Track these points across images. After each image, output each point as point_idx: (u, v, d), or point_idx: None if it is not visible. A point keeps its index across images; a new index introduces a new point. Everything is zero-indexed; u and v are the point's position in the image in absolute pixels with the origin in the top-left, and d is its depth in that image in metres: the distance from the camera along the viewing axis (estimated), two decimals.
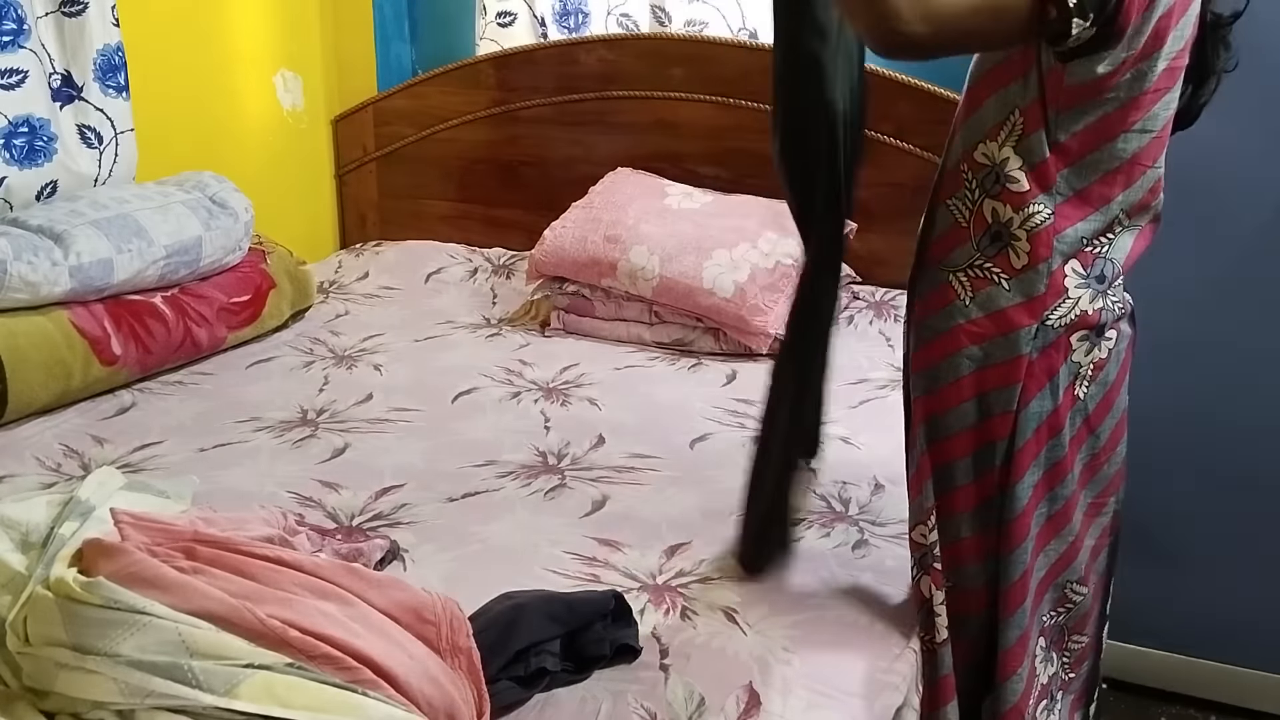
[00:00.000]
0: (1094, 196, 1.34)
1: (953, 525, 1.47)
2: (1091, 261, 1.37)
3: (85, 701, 1.15)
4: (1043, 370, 1.38)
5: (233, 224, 2.51)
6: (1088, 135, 1.31)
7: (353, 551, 1.57)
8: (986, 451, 1.43)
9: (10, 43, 2.30)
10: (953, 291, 1.40)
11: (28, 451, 1.99)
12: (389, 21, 3.25)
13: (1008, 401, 1.39)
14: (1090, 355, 1.41)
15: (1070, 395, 1.41)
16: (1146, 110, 1.31)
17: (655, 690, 1.35)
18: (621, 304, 2.63)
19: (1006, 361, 1.38)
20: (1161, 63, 1.29)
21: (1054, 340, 1.38)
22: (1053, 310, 1.37)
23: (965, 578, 1.49)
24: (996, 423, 1.41)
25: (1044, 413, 1.40)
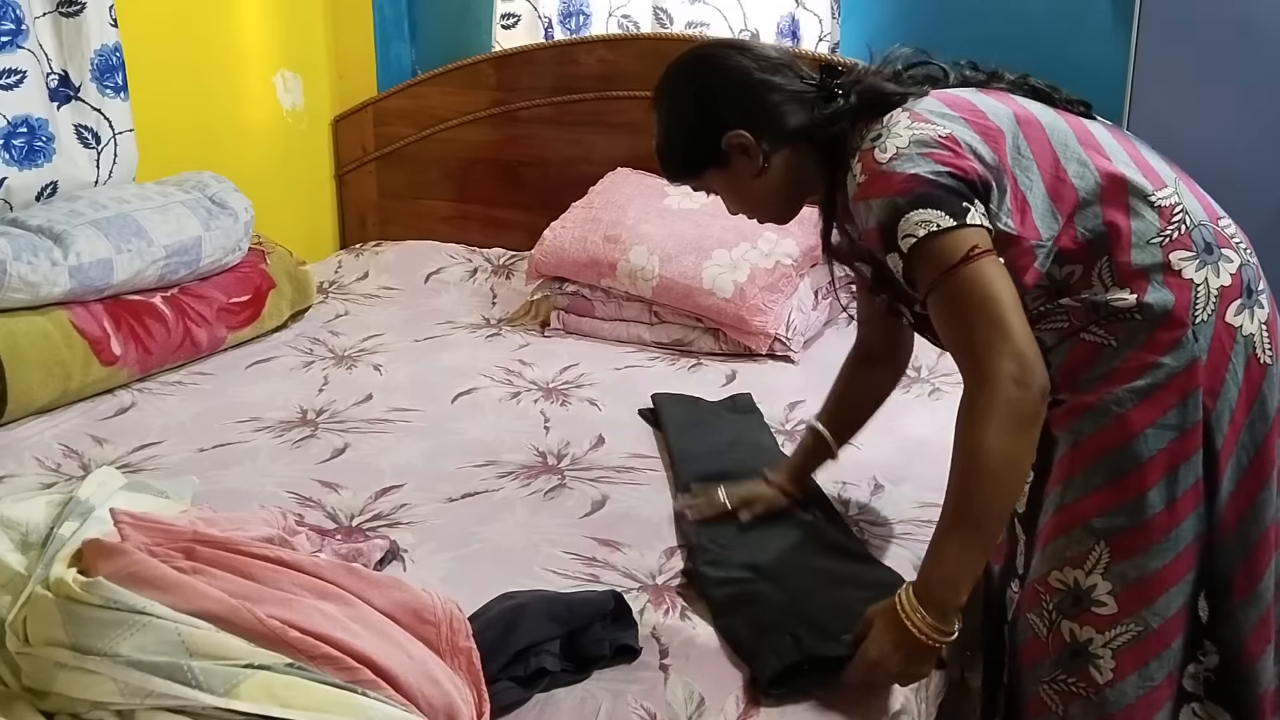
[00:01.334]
0: (1116, 220, 1.34)
1: (1132, 565, 1.36)
2: (1189, 239, 1.34)
3: (85, 701, 1.15)
4: (1220, 361, 1.33)
5: (232, 224, 2.51)
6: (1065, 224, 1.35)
7: (353, 551, 1.57)
8: (1184, 469, 1.34)
9: (9, 43, 2.30)
10: (1095, 345, 1.36)
11: (27, 451, 1.99)
12: (389, 21, 3.25)
13: (1193, 412, 1.33)
14: (1255, 319, 1.35)
15: (1255, 366, 1.35)
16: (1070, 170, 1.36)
17: (655, 690, 1.34)
18: (621, 304, 2.63)
19: (1180, 373, 1.32)
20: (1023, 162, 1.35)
21: (1214, 330, 1.33)
22: (1194, 305, 1.33)
23: (1159, 611, 1.37)
24: (1189, 436, 1.33)
25: (1233, 400, 1.34)
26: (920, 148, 1.30)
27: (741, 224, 2.61)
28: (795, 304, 2.52)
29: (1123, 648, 1.38)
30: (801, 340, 2.53)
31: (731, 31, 2.92)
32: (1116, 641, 1.38)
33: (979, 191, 1.30)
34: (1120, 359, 1.34)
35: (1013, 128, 1.35)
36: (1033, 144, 1.35)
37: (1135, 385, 1.33)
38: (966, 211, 1.27)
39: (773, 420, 2.15)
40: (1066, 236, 1.34)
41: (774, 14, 2.89)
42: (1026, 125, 1.36)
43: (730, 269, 2.50)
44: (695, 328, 2.56)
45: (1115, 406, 1.34)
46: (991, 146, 1.32)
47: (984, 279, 1.26)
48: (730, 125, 1.43)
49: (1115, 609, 1.37)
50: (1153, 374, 1.33)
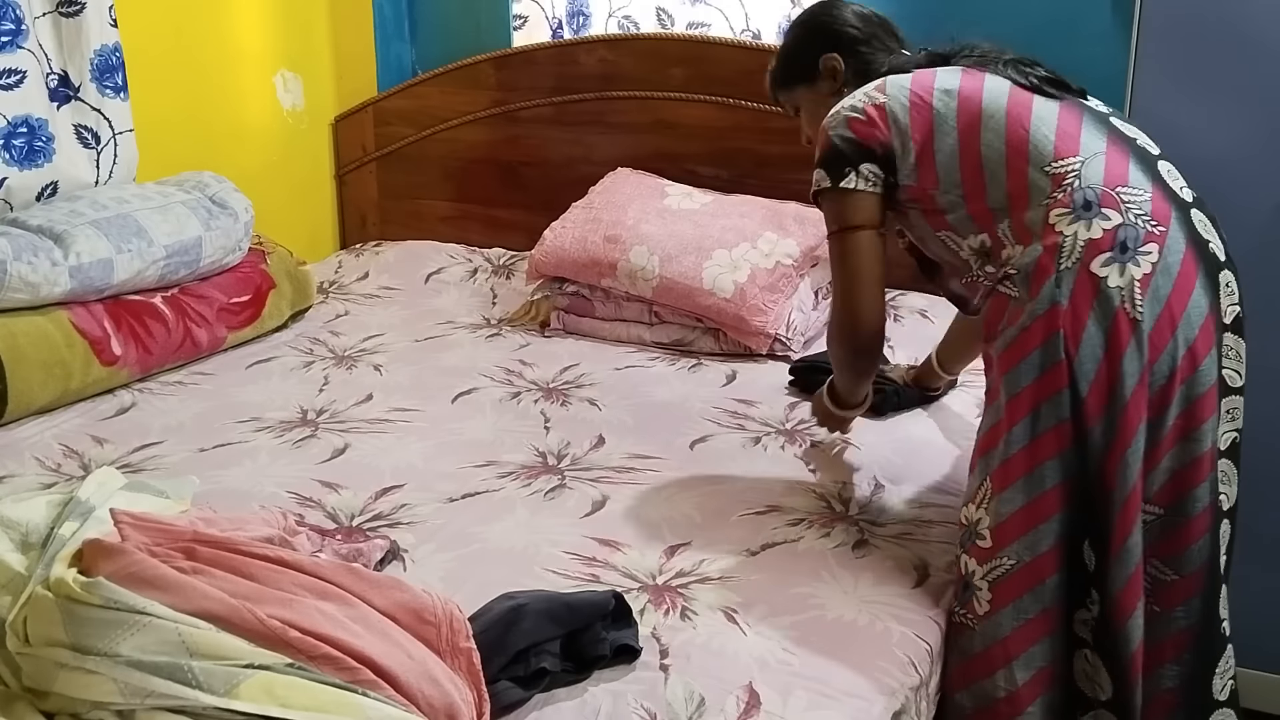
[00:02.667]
0: (1015, 189, 1.54)
1: (1005, 500, 1.49)
2: (1070, 199, 1.48)
3: (85, 702, 1.15)
4: (1080, 307, 1.44)
5: (233, 224, 2.51)
6: (968, 190, 1.58)
7: (353, 551, 1.57)
8: (1046, 408, 1.46)
9: (9, 43, 2.30)
10: (1005, 298, 1.53)
11: (28, 451, 1.99)
12: (389, 21, 3.25)
13: (1054, 351, 1.45)
14: (1127, 274, 1.44)
15: (1123, 319, 1.43)
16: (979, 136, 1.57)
17: (655, 690, 1.35)
18: (621, 304, 2.63)
19: (1042, 315, 1.46)
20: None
21: (1076, 277, 1.45)
22: (1059, 251, 1.46)
23: (1030, 546, 1.49)
24: (1052, 374, 1.45)
25: (1098, 348, 1.44)
26: (850, 113, 1.63)
27: (742, 224, 2.62)
28: (795, 304, 2.52)
29: (998, 580, 1.51)
30: (802, 340, 2.53)
31: (733, 32, 2.92)
32: (993, 574, 1.51)
33: (875, 157, 1.60)
34: (1008, 312, 1.51)
35: (949, 101, 1.59)
36: (961, 115, 1.57)
37: (1009, 331, 1.49)
38: (845, 175, 1.61)
39: (773, 420, 2.15)
40: (980, 205, 1.56)
41: (776, 15, 2.89)
42: (965, 100, 1.58)
43: (730, 269, 2.50)
44: (695, 328, 2.56)
45: (998, 352, 1.52)
46: (915, 116, 1.59)
47: (847, 252, 1.64)
48: (829, 49, 1.80)
49: (990, 542, 1.51)
50: (1024, 319, 1.48)
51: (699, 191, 2.76)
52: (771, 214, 2.62)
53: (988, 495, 1.51)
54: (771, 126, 2.66)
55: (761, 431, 2.10)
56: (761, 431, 2.10)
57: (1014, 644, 1.51)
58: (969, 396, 2.23)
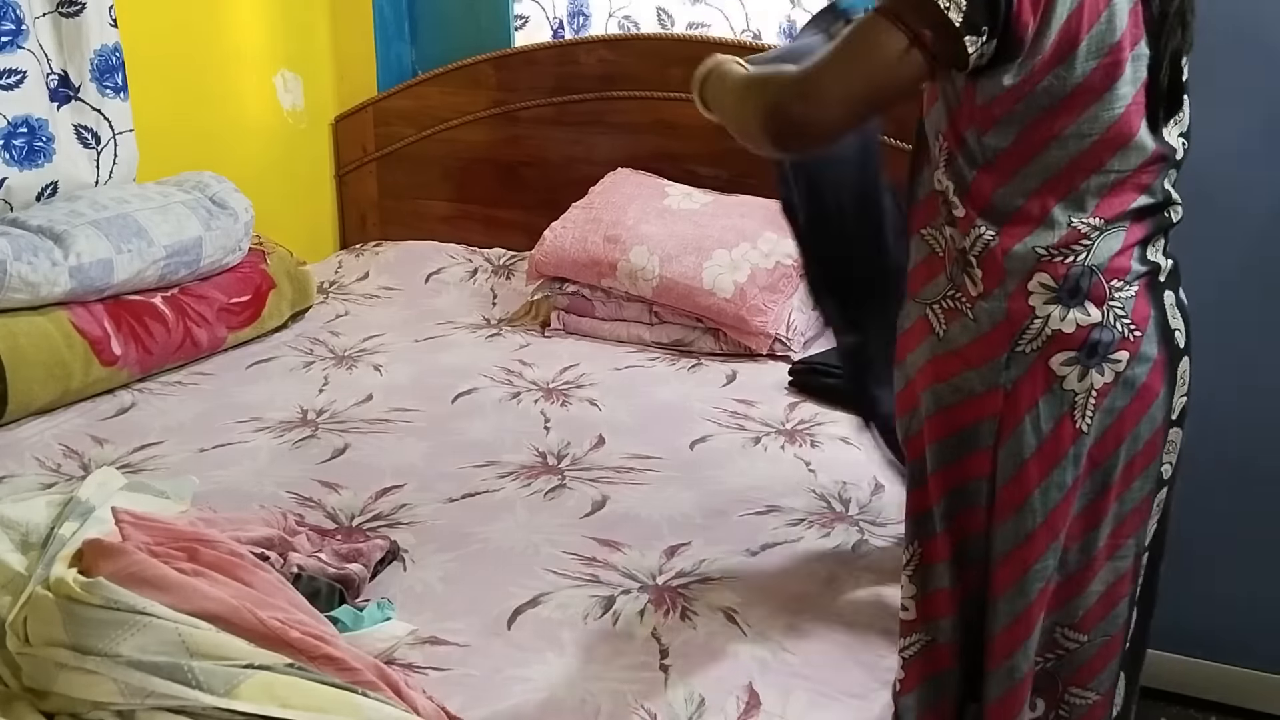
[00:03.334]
0: (1034, 209, 1.24)
1: (931, 574, 1.36)
2: (1064, 272, 1.24)
3: (85, 702, 1.15)
4: (1023, 401, 1.26)
5: (233, 224, 2.51)
6: (1015, 149, 1.23)
7: (353, 551, 1.57)
8: (963, 491, 1.31)
9: (9, 43, 2.30)
10: (928, 326, 1.32)
11: (28, 451, 1.99)
12: (389, 21, 3.25)
13: (986, 437, 1.28)
14: (1087, 380, 1.25)
15: (1069, 428, 1.26)
16: (1077, 115, 1.21)
17: (655, 690, 1.35)
18: (621, 304, 2.63)
19: (979, 395, 1.27)
20: (1084, 63, 1.18)
21: (1029, 367, 1.25)
22: (1020, 335, 1.25)
23: (940, 631, 1.37)
24: (973, 460, 1.29)
25: (1025, 449, 1.27)
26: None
27: (742, 224, 2.62)
28: (795, 304, 2.52)
29: (911, 659, 1.39)
30: (801, 340, 2.53)
31: (733, 33, 2.92)
32: (908, 651, 1.39)
33: (1007, 31, 1.15)
34: (940, 352, 1.29)
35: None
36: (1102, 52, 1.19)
37: (938, 389, 1.30)
38: (979, 33, 1.14)
39: (772, 420, 2.15)
40: (1011, 160, 1.23)
41: (776, 15, 2.89)
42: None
43: (730, 269, 2.50)
44: (695, 328, 2.56)
45: (922, 413, 1.32)
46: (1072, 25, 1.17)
47: (892, 57, 1.17)
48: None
49: (914, 615, 1.38)
50: (957, 383, 1.28)
51: (699, 191, 2.76)
52: (771, 214, 2.61)
53: (917, 563, 1.37)
54: None
55: (761, 431, 2.10)
56: (761, 431, 2.10)
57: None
58: None
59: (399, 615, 1.47)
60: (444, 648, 1.43)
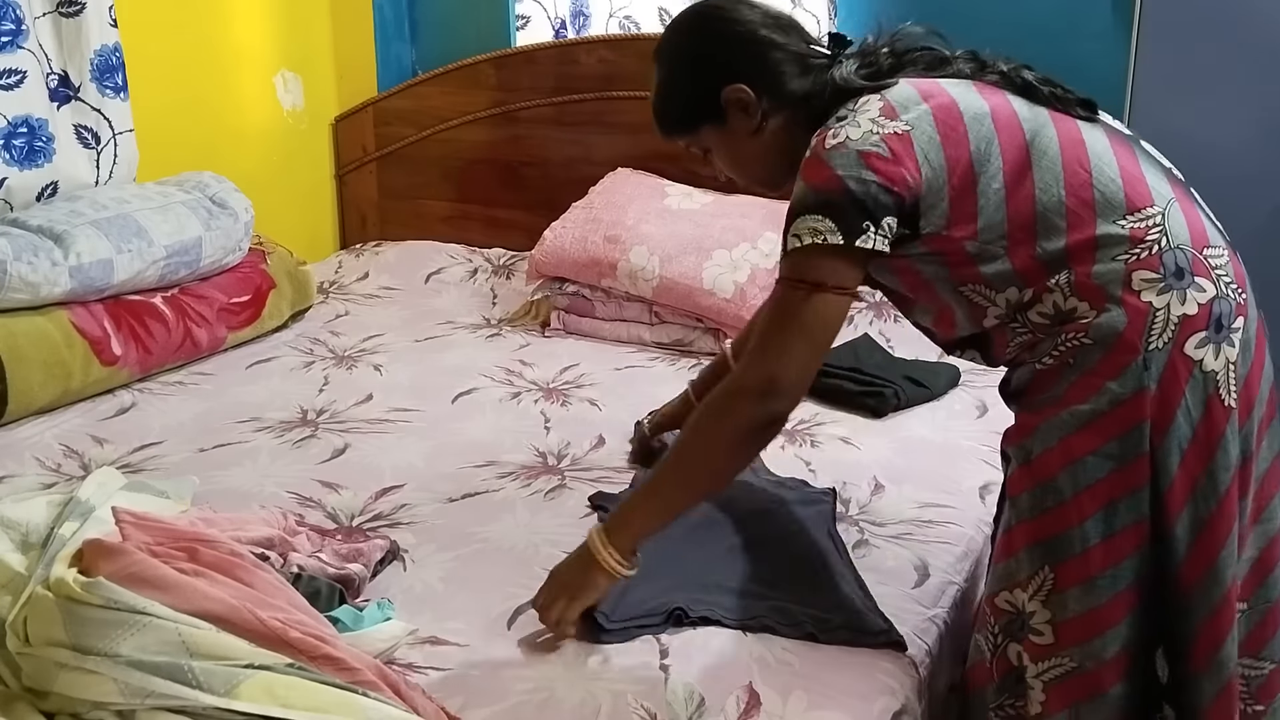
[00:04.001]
0: (1082, 238, 1.28)
1: (1072, 597, 1.31)
2: (1159, 263, 1.26)
3: (85, 701, 1.15)
4: (1172, 396, 1.25)
5: (233, 224, 2.51)
6: (1013, 222, 1.30)
7: (353, 551, 1.57)
8: (1116, 507, 1.28)
9: (9, 43, 2.30)
10: (1052, 374, 1.31)
11: (28, 451, 1.99)
12: (389, 21, 3.25)
13: (1138, 443, 1.26)
14: (1222, 357, 1.25)
15: (1218, 407, 1.25)
16: (1028, 179, 1.29)
17: (655, 690, 1.34)
18: (621, 304, 2.63)
19: (1125, 401, 1.26)
20: (994, 162, 1.29)
21: (1168, 360, 1.25)
22: (1149, 329, 1.25)
23: (1093, 653, 1.31)
24: (1129, 471, 1.27)
25: (1183, 440, 1.25)
26: (865, 145, 1.27)
27: (742, 224, 2.62)
28: None
29: (1053, 682, 1.34)
30: None
31: None
32: (1049, 674, 1.34)
33: (899, 207, 1.28)
34: (1070, 381, 1.29)
35: (985, 128, 1.30)
36: (1005, 148, 1.30)
37: (1079, 409, 1.28)
38: (863, 232, 1.26)
39: None
40: (1025, 254, 1.29)
41: None
42: (1004, 128, 1.31)
43: (730, 269, 2.50)
44: (695, 328, 2.56)
45: (1060, 429, 1.30)
46: (950, 150, 1.29)
47: (823, 316, 1.31)
48: (731, 79, 1.40)
49: (1052, 639, 1.33)
50: (1097, 399, 1.27)
51: (699, 191, 2.76)
52: (772, 214, 2.62)
53: (1048, 587, 1.32)
54: None
55: None
56: None
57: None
58: (969, 396, 2.23)
59: (399, 615, 1.47)
60: (444, 648, 1.43)
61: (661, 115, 1.49)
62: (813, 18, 2.86)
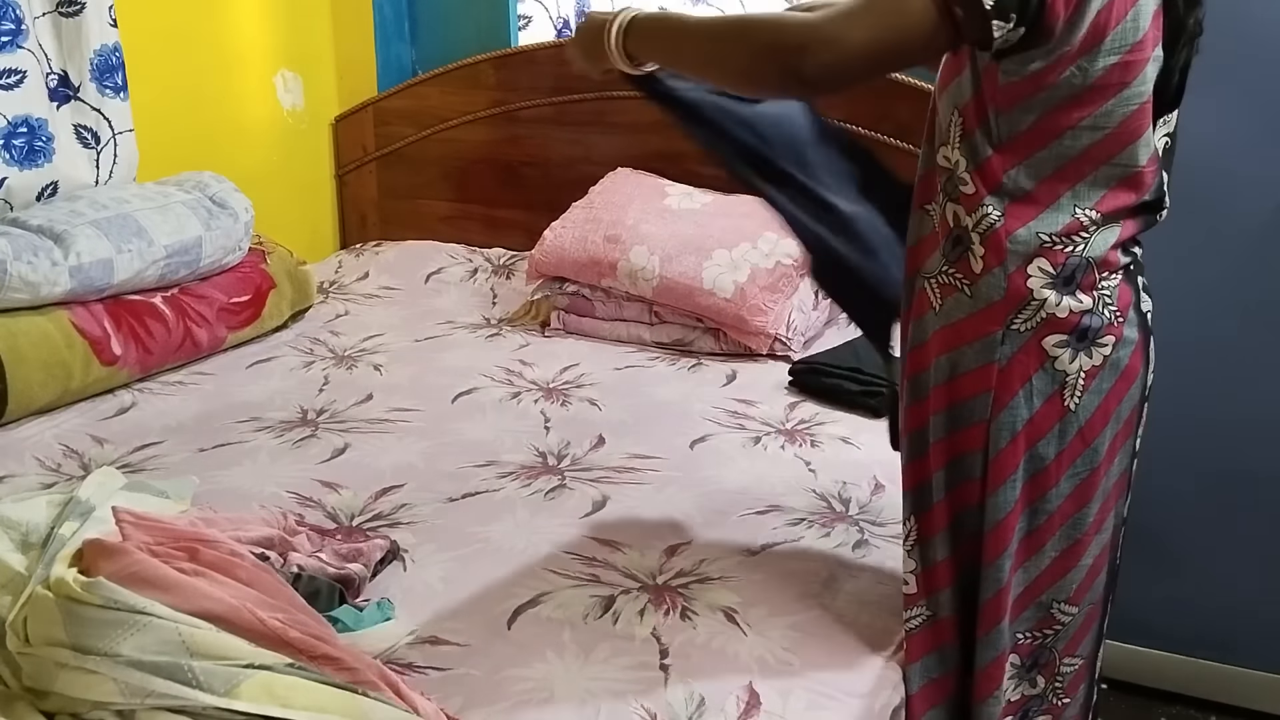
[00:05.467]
0: (1042, 194, 1.27)
1: (930, 548, 1.40)
2: (1063, 261, 1.28)
3: (85, 701, 1.15)
4: (1016, 377, 1.31)
5: (233, 224, 2.51)
6: (1031, 133, 1.26)
7: (353, 551, 1.57)
8: (960, 464, 1.36)
9: (9, 43, 2.30)
10: (927, 300, 1.36)
11: (28, 451, 1.99)
12: (389, 21, 3.25)
13: (981, 411, 1.32)
14: (1077, 363, 1.31)
15: (1056, 405, 1.32)
16: (1095, 107, 1.24)
17: (655, 690, 1.35)
18: (621, 304, 2.63)
19: (974, 370, 1.32)
20: (1105, 58, 1.21)
21: (1023, 345, 1.30)
22: (1017, 314, 1.29)
23: (941, 605, 1.41)
24: (969, 433, 1.34)
25: (1018, 421, 1.32)
26: None
27: (742, 224, 2.62)
28: (796, 304, 2.52)
29: (911, 633, 1.44)
30: (802, 340, 2.53)
31: None
32: (909, 624, 1.44)
33: (1049, 28, 1.17)
34: (936, 327, 1.35)
35: None
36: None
37: (939, 362, 1.35)
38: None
39: (772, 420, 2.15)
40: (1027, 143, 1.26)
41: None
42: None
43: (730, 269, 2.50)
44: (695, 328, 2.56)
45: (924, 384, 1.37)
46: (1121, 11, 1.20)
47: (916, 15, 1.17)
48: None
49: (915, 589, 1.43)
50: (955, 357, 1.33)
51: (699, 191, 2.76)
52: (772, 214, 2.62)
53: (914, 537, 1.42)
54: None
55: (761, 431, 2.10)
56: (761, 431, 2.10)
57: (917, 704, 1.44)
58: None
59: (399, 615, 1.47)
60: (444, 648, 1.43)
61: None
62: None
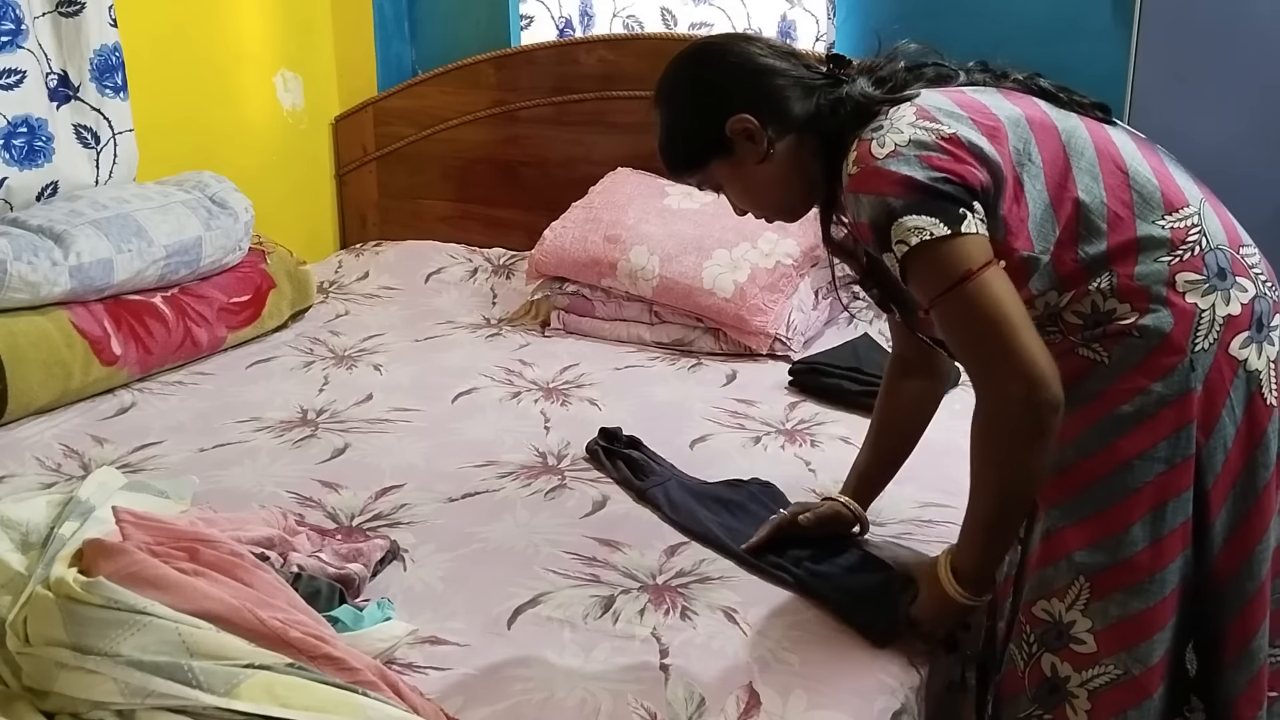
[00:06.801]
0: (1122, 239, 1.28)
1: (1120, 599, 1.30)
2: (1201, 264, 1.27)
3: (85, 701, 1.15)
4: (1218, 396, 1.25)
5: (233, 224, 2.51)
6: (1063, 225, 1.29)
7: (353, 551, 1.57)
8: (1172, 506, 1.28)
9: (9, 43, 2.30)
10: (1089, 363, 1.30)
11: (28, 451, 1.99)
12: (389, 21, 3.25)
13: (1186, 445, 1.26)
14: (1264, 356, 1.27)
15: (1260, 405, 1.27)
16: (1070, 172, 1.29)
17: (655, 690, 1.34)
18: (621, 304, 2.63)
19: (1172, 403, 1.26)
20: (1034, 160, 1.29)
21: (1214, 360, 1.26)
22: (1195, 331, 1.25)
23: (1140, 658, 1.30)
24: (1178, 472, 1.27)
25: (1229, 440, 1.26)
26: (918, 149, 1.25)
27: (742, 224, 2.61)
28: (795, 304, 2.52)
29: (1099, 690, 1.32)
30: (802, 340, 2.53)
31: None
32: (1094, 683, 1.33)
33: (979, 195, 1.25)
34: (1112, 380, 1.28)
35: (1022, 130, 1.30)
36: (1043, 149, 1.30)
37: (1123, 411, 1.28)
38: (963, 218, 1.23)
39: (773, 420, 2.15)
40: (1067, 257, 1.28)
41: (776, 14, 2.90)
42: (1040, 129, 1.31)
43: (730, 269, 2.50)
44: (695, 328, 2.56)
45: (1103, 434, 1.29)
46: (998, 148, 1.27)
47: (989, 297, 1.23)
48: (734, 110, 1.38)
49: (1095, 648, 1.32)
50: (1143, 400, 1.27)
51: (699, 191, 2.75)
52: None
53: (1085, 595, 1.31)
54: None
55: (761, 431, 2.10)
56: (761, 431, 2.10)
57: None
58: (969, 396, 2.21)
59: (399, 615, 1.47)
60: (444, 648, 1.43)
61: (668, 156, 1.47)
62: (811, 17, 2.86)
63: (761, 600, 1.54)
